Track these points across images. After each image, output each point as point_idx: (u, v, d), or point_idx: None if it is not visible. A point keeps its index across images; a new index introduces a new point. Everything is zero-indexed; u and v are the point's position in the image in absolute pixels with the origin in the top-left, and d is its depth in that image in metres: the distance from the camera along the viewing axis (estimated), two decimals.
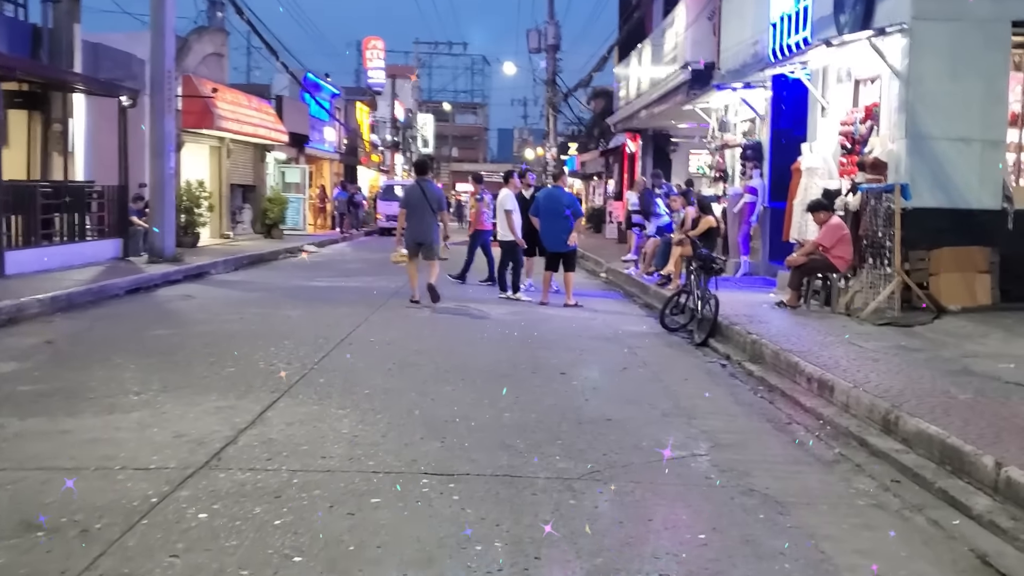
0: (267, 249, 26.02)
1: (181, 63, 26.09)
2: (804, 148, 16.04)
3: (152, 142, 19.91)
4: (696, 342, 11.67)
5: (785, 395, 8.47)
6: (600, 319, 13.87)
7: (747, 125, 20.47)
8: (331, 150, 44.47)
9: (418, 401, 7.68)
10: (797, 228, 15.71)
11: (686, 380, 9.23)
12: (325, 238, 34.60)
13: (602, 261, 23.83)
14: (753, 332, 10.70)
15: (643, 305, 16.07)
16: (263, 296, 15.71)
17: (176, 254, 20.04)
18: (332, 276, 20.04)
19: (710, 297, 11.97)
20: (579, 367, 9.70)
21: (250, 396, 7.74)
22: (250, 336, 11.08)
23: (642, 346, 11.36)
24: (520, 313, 14.20)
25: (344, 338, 11.00)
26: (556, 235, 15.46)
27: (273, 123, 31.97)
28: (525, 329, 12.40)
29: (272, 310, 13.68)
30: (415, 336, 11.48)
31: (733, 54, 21.07)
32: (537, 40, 48.19)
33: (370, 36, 64.99)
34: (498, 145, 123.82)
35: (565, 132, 58.88)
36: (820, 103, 16.16)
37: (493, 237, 17.42)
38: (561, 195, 15.82)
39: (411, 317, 13.34)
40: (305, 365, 9.19)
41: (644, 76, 29.12)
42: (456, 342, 11.13)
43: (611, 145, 41.02)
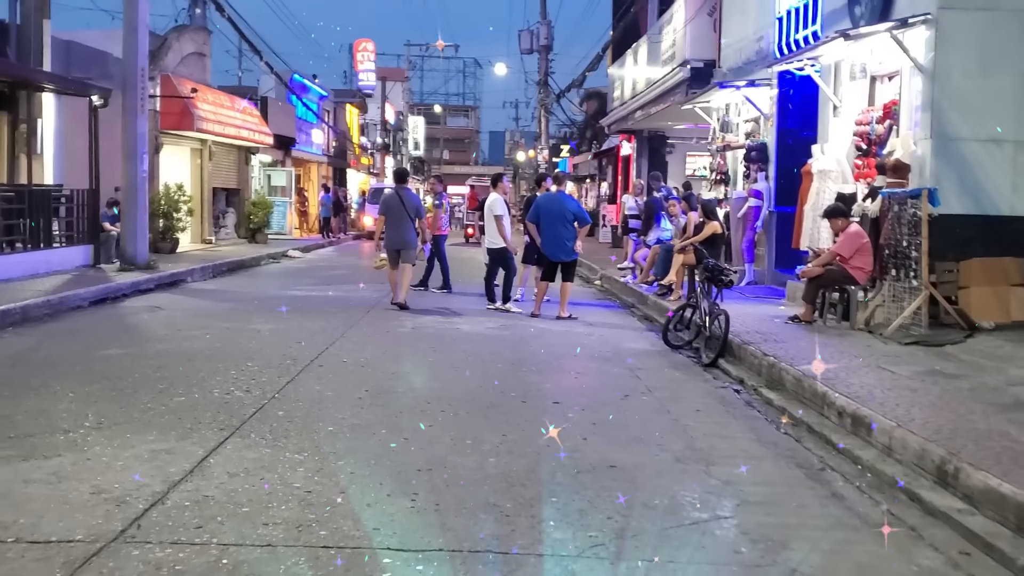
0: (249, 255, 24.94)
1: (160, 62, 25.04)
2: (815, 150, 15.00)
3: (124, 144, 18.79)
4: (704, 362, 10.61)
5: (813, 431, 7.40)
6: (597, 334, 12.80)
7: (750, 125, 19.43)
8: (319, 153, 43.37)
9: (388, 444, 6.58)
10: (809, 235, 14.66)
11: (698, 411, 8.15)
12: (311, 242, 33.51)
13: (596, 267, 22.78)
14: (770, 353, 9.64)
15: (642, 317, 15.01)
16: (235, 307, 14.62)
17: (150, 261, 18.95)
18: (312, 284, 18.96)
19: (719, 312, 10.91)
20: (575, 394, 8.63)
21: (195, 435, 6.65)
22: (211, 356, 9.99)
23: (644, 367, 10.29)
24: (510, 327, 13.13)
25: (314, 359, 9.91)
26: (560, 243, 14.39)
27: (257, 125, 30.87)
28: (515, 347, 11.34)
29: (242, 324, 12.60)
30: (393, 356, 10.40)
31: (735, 51, 20.07)
32: (529, 41, 47.14)
33: (361, 38, 64.07)
34: (489, 148, 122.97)
35: (557, 135, 57.92)
36: (832, 101, 15.11)
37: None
38: (565, 200, 14.76)
39: (391, 333, 12.26)
40: (265, 393, 8.10)
41: (640, 75, 28.12)
42: (438, 363, 10.04)
43: (604, 147, 40.06)
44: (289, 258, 27.33)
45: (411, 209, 15.20)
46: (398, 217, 15.19)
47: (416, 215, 15.31)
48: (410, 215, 15.16)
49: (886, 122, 13.26)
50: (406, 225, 15.20)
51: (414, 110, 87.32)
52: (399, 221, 15.19)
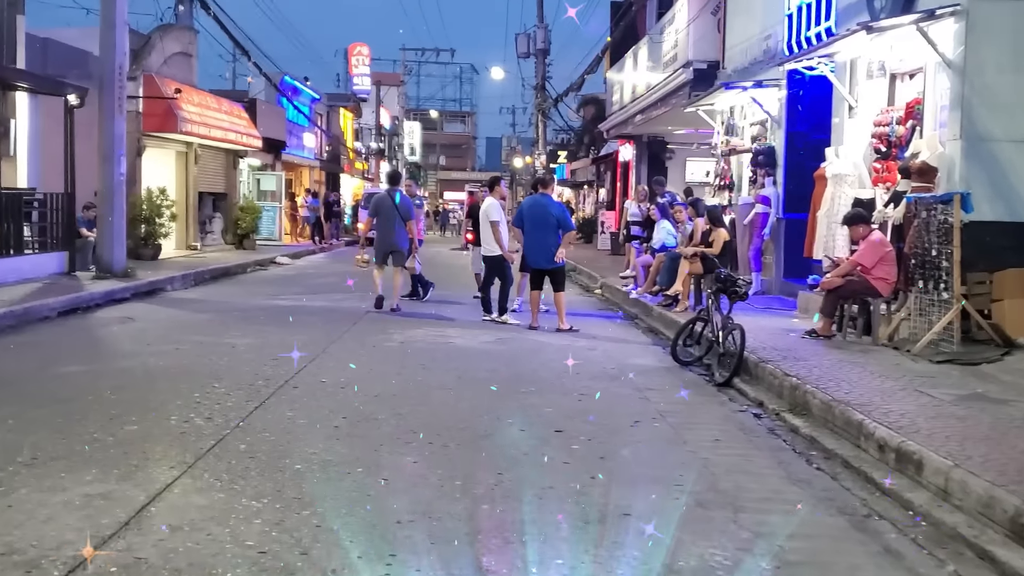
0: (235, 261, 24.02)
1: (143, 62, 24.12)
2: (829, 153, 14.11)
3: (100, 145, 17.87)
4: (717, 381, 9.71)
5: (849, 466, 6.50)
6: (600, 349, 11.90)
7: (756, 128, 18.55)
8: (311, 157, 42.46)
9: (364, 487, 5.68)
10: (823, 243, 13.78)
11: (717, 441, 7.25)
12: (301, 249, 32.58)
13: (596, 276, 21.88)
14: (791, 373, 8.74)
15: (647, 330, 14.11)
16: (213, 318, 13.71)
17: (127, 269, 18.02)
18: (298, 292, 18.05)
19: (733, 327, 10.01)
20: (579, 421, 7.71)
21: (140, 475, 5.74)
22: (177, 375, 9.09)
23: (653, 387, 9.39)
24: (506, 341, 12.23)
25: (289, 379, 9.00)
26: (541, 249, 13.53)
27: (245, 127, 29.94)
28: (512, 364, 10.44)
29: (217, 337, 11.69)
30: (378, 375, 9.47)
31: (740, 51, 19.23)
32: (526, 44, 46.32)
33: (356, 42, 63.18)
34: (486, 153, 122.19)
35: (554, 140, 57.07)
36: (847, 101, 14.24)
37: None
38: (549, 204, 13.83)
39: (378, 348, 11.35)
40: (228, 421, 7.19)
41: (640, 78, 27.26)
42: (427, 384, 9.11)
43: (603, 153, 39.20)
44: (277, 265, 26.40)
45: (402, 210, 15.30)
46: (389, 219, 15.29)
47: (407, 217, 15.35)
48: (401, 217, 15.28)
49: (908, 122, 12.38)
50: (397, 228, 15.25)
51: (410, 116, 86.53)
52: (390, 224, 15.28)
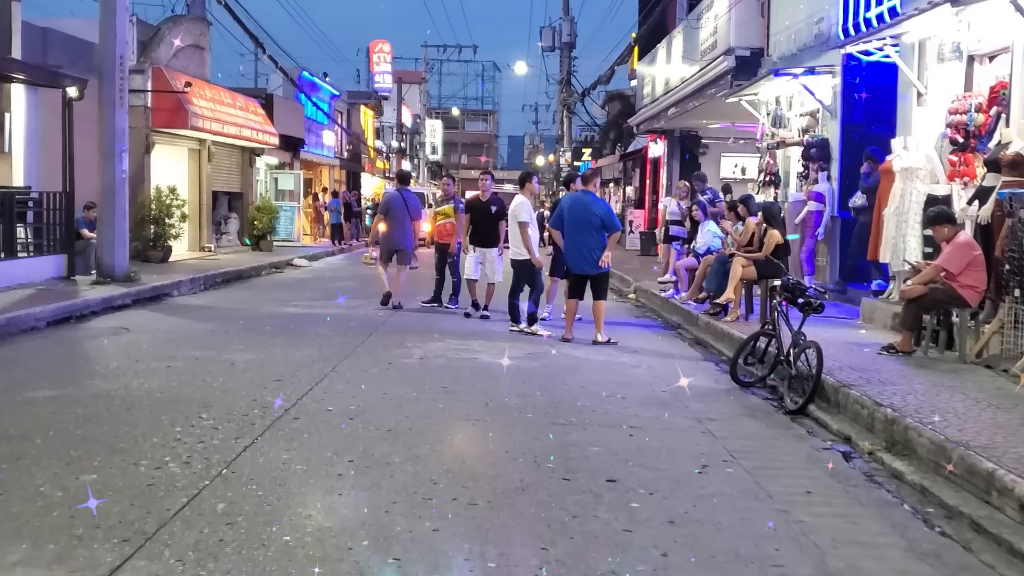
0: (249, 264, 22.75)
1: (151, 54, 22.96)
2: (895, 144, 12.69)
3: (100, 140, 16.65)
4: (788, 408, 8.35)
5: (983, 531, 5.13)
6: (645, 366, 10.55)
7: (805, 120, 17.17)
8: (330, 155, 41.22)
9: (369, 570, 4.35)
10: (890, 245, 12.38)
11: (809, 495, 5.88)
12: (320, 250, 31.35)
13: (629, 279, 20.53)
14: (883, 402, 7.36)
15: (693, 342, 12.75)
16: (215, 329, 12.43)
17: (130, 273, 16.76)
18: (312, 298, 16.76)
19: (807, 345, 8.62)
20: (635, 464, 6.35)
21: (80, 553, 4.43)
22: (160, 402, 7.79)
23: (715, 416, 8.03)
24: (538, 357, 10.88)
25: (291, 407, 7.69)
26: (584, 253, 12.18)
27: (261, 124, 28.69)
28: (547, 386, 9.08)
29: (215, 352, 10.40)
30: (393, 401, 8.13)
31: (787, 36, 17.85)
32: (551, 38, 45.16)
33: (377, 39, 62.02)
34: (508, 152, 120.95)
35: (578, 138, 55.70)
36: (915, 87, 12.84)
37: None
38: (592, 202, 12.45)
39: (394, 365, 10.00)
40: (209, 468, 5.88)
41: (674, 68, 25.88)
42: (450, 413, 7.76)
43: (630, 149, 37.81)
44: (293, 267, 25.14)
45: (412, 210, 15.52)
46: (400, 218, 15.49)
47: (416, 216, 15.62)
48: (411, 216, 15.50)
49: (992, 109, 10.98)
50: (407, 226, 15.51)
51: (432, 114, 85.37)
52: (401, 222, 15.48)
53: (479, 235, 14.57)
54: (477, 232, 14.59)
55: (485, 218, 14.55)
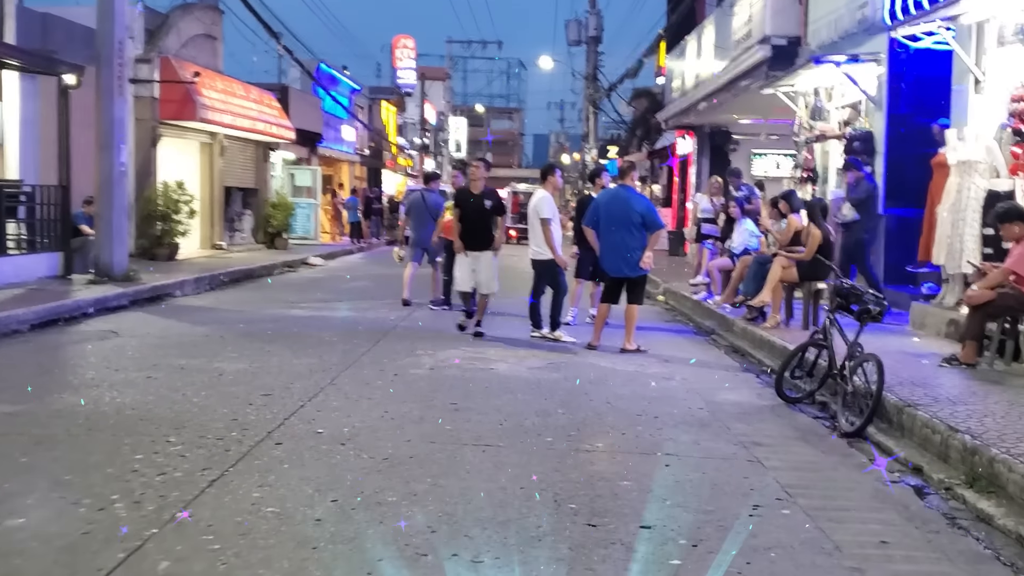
0: (261, 263, 21.87)
1: (159, 43, 22.10)
2: (949, 136, 11.60)
3: (98, 131, 15.75)
4: (844, 430, 7.30)
5: None
6: (678, 378, 9.51)
7: (846, 112, 16.10)
8: (350, 151, 40.27)
9: None
10: (945, 245, 11.30)
11: (884, 545, 4.85)
12: (337, 248, 30.45)
13: (657, 279, 19.46)
14: (959, 427, 6.31)
15: (730, 349, 11.71)
16: (210, 334, 11.49)
17: (129, 272, 15.85)
18: (322, 299, 15.84)
19: (864, 358, 7.58)
20: (672, 506, 5.32)
21: None
22: (128, 421, 6.83)
23: (762, 440, 6.99)
24: (561, 367, 9.87)
25: (276, 428, 6.71)
26: (623, 253, 11.16)
27: (277, 117, 27.78)
28: (570, 403, 8.05)
29: (204, 361, 9.45)
30: (394, 421, 7.12)
31: (827, 23, 16.74)
32: (577, 31, 44.09)
33: (400, 34, 61.14)
34: (533, 151, 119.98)
35: (604, 136, 54.61)
36: (972, 74, 11.74)
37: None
38: (632, 198, 11.38)
39: (400, 377, 9.00)
40: (163, 509, 4.89)
41: (705, 60, 24.79)
42: (457, 436, 6.72)
43: (658, 146, 36.73)
44: (308, 266, 24.23)
45: (431, 210, 15.26)
46: (421, 218, 15.43)
47: (434, 216, 15.12)
48: (432, 216, 15.15)
49: None
50: (428, 226, 15.25)
51: (456, 111, 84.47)
52: (422, 222, 15.40)
53: (470, 235, 12.36)
54: (467, 232, 12.38)
55: (477, 214, 12.34)
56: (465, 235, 12.32)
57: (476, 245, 12.30)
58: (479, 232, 12.33)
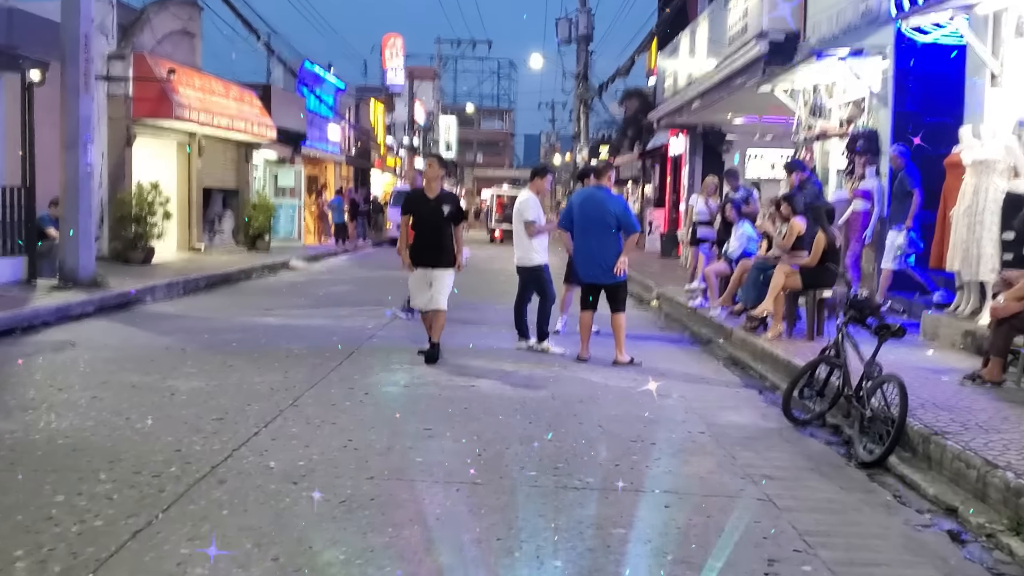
0: (240, 266, 21.03)
1: (133, 39, 21.27)
2: (964, 134, 10.87)
3: (62, 129, 14.95)
4: (862, 459, 6.54)
5: None
6: (675, 395, 8.73)
7: (848, 110, 15.34)
8: (336, 150, 39.45)
9: None
10: (961, 251, 10.56)
11: None
12: (322, 251, 29.67)
13: (650, 283, 18.74)
14: (999, 462, 5.56)
15: (728, 361, 10.94)
16: (173, 345, 10.70)
17: (96, 277, 15.05)
18: (298, 306, 15.06)
19: (883, 379, 6.82)
20: (675, 561, 4.51)
21: None
22: (58, 453, 6.03)
23: (771, 471, 6.22)
24: (548, 383, 9.10)
25: (223, 460, 5.92)
26: (597, 258, 10.41)
27: (258, 116, 26.95)
28: (557, 426, 7.26)
29: (159, 378, 8.65)
30: (359, 452, 6.29)
31: (828, 17, 16.02)
32: (568, 30, 43.30)
33: (390, 33, 60.29)
34: (524, 151, 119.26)
35: (595, 137, 53.90)
36: (988, 67, 11.02)
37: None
38: (607, 200, 10.62)
39: (371, 396, 8.21)
40: (70, 571, 4.12)
41: (698, 57, 24.02)
42: (428, 470, 5.92)
43: (650, 146, 36.03)
44: (290, 269, 23.44)
45: None
46: None
47: None
48: None
49: None
50: None
51: (446, 111, 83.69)
52: None
53: (424, 248, 10.26)
54: (421, 243, 10.29)
55: (433, 223, 10.25)
56: (418, 248, 10.28)
57: (431, 260, 10.23)
58: (435, 244, 10.22)
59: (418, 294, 10.39)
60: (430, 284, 10.18)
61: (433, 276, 10.19)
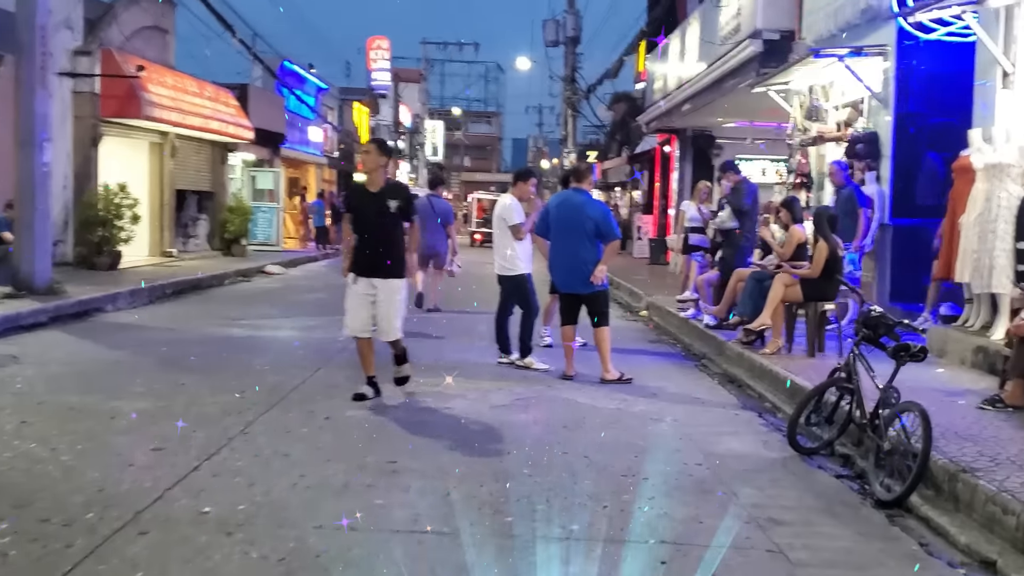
0: (212, 271, 20.23)
1: (101, 34, 20.37)
2: (974, 136, 10.16)
3: (16, 127, 14.12)
4: (880, 498, 5.80)
5: None
6: (668, 419, 7.97)
7: (846, 112, 14.65)
8: (317, 152, 38.61)
9: None
10: (971, 261, 9.85)
11: None
12: (300, 255, 28.87)
13: (639, 292, 18.01)
14: None
15: (724, 378, 10.19)
16: (125, 360, 9.90)
17: (52, 284, 14.20)
18: (268, 315, 14.25)
19: (904, 407, 6.08)
20: None
21: None
22: None
23: (779, 513, 5.47)
24: (530, 405, 8.34)
25: (151, 503, 5.14)
26: (574, 266, 9.64)
27: (234, 116, 26.08)
28: (539, 457, 6.48)
29: (102, 398, 7.86)
30: (311, 491, 5.51)
31: (825, 15, 15.32)
32: (555, 32, 42.62)
33: (375, 35, 59.45)
34: (512, 155, 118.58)
35: (583, 141, 53.22)
36: (1000, 66, 10.31)
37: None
38: (586, 204, 9.83)
39: (332, 420, 7.41)
40: None
41: (689, 59, 23.31)
42: (390, 518, 5.12)
43: (638, 150, 35.36)
44: (265, 275, 22.64)
45: (441, 215, 15.33)
46: (427, 223, 14.72)
47: (445, 221, 15.35)
48: (440, 221, 15.25)
49: None
50: (435, 231, 15.16)
51: (433, 114, 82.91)
52: (430, 228, 14.95)
53: (367, 254, 8.28)
54: (364, 248, 8.31)
55: (377, 222, 8.25)
56: (361, 254, 8.31)
57: (376, 269, 8.22)
58: (381, 249, 8.21)
59: (355, 313, 8.33)
60: (373, 302, 8.23)
61: (378, 292, 8.21)
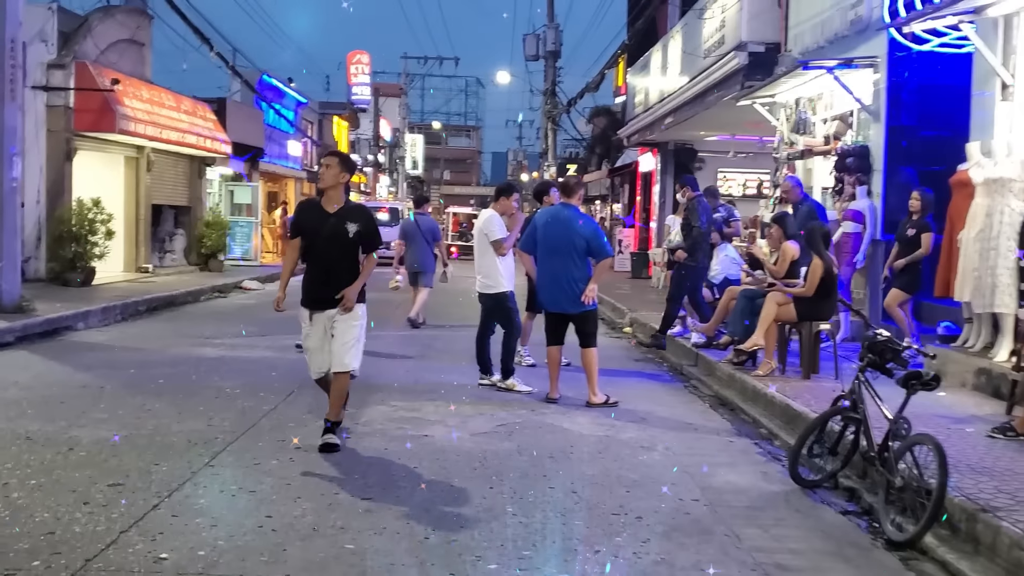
0: (188, 287, 19.78)
1: (75, 47, 19.89)
2: (972, 150, 9.88)
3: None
4: (892, 538, 5.42)
5: None
6: (660, 447, 7.57)
7: (834, 125, 14.33)
8: (296, 166, 38.17)
9: None
10: (971, 279, 9.53)
11: None
12: (278, 270, 28.24)
13: (622, 307, 17.66)
14: None
15: (715, 401, 9.81)
16: (91, 383, 9.44)
17: (21, 302, 13.73)
18: (241, 335, 13.79)
19: (915, 439, 5.71)
20: None
21: None
22: None
23: (785, 558, 5.08)
24: (513, 432, 7.92)
25: (103, 549, 4.69)
26: (563, 285, 9.24)
27: (211, 130, 25.61)
28: (523, 493, 6.07)
29: (63, 426, 7.41)
30: (275, 535, 5.05)
31: (813, 26, 15.07)
32: (535, 46, 42.36)
33: (355, 50, 59.09)
34: (492, 168, 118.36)
35: (563, 155, 52.93)
36: (999, 77, 10.00)
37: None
38: (575, 219, 9.42)
39: (302, 453, 6.95)
40: None
41: (671, 72, 23.03)
42: (362, 565, 4.71)
43: (619, 163, 35.08)
44: (242, 290, 22.19)
45: (427, 233, 15.47)
46: (415, 241, 15.42)
47: (433, 238, 15.53)
48: (426, 239, 15.41)
49: None
50: (422, 249, 15.39)
51: (413, 128, 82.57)
52: (416, 245, 15.42)
53: (322, 281, 7.22)
54: (317, 276, 7.29)
55: (332, 245, 7.19)
56: (312, 284, 7.30)
57: (331, 302, 7.16)
58: (337, 277, 7.17)
59: (317, 356, 7.35)
60: (332, 335, 7.20)
61: (335, 324, 7.18)
